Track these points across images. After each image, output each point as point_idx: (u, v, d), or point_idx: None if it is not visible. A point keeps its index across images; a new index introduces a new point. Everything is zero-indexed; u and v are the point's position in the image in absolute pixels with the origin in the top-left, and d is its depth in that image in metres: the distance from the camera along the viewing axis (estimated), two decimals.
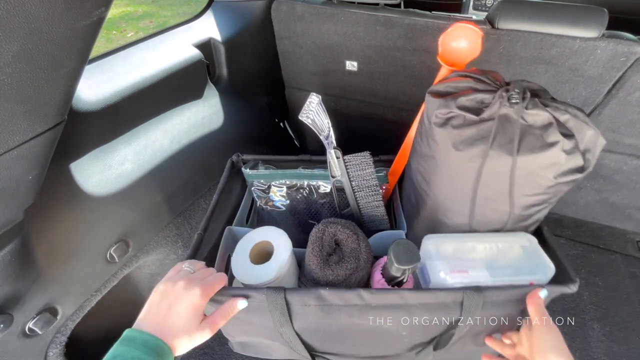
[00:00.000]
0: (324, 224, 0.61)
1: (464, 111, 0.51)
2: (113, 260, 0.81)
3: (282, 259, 0.57)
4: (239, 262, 0.59)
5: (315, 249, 0.58)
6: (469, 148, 0.50)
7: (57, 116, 0.46)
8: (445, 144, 0.53)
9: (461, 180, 0.54)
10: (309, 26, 1.08)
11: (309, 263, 0.58)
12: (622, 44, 0.83)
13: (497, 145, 0.49)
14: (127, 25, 4.03)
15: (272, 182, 0.77)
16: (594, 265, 1.16)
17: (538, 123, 0.49)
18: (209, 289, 0.46)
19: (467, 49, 0.63)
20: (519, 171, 0.49)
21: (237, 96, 1.16)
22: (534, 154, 0.48)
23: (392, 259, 0.48)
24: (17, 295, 0.64)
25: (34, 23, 0.33)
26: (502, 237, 0.57)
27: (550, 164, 0.49)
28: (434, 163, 0.57)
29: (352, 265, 0.57)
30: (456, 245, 0.56)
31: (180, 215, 1.00)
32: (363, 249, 0.60)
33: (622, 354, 0.96)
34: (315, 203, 0.77)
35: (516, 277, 0.52)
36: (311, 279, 0.59)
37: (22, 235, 0.56)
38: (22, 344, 0.69)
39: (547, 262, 0.54)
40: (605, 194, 1.16)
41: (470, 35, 0.61)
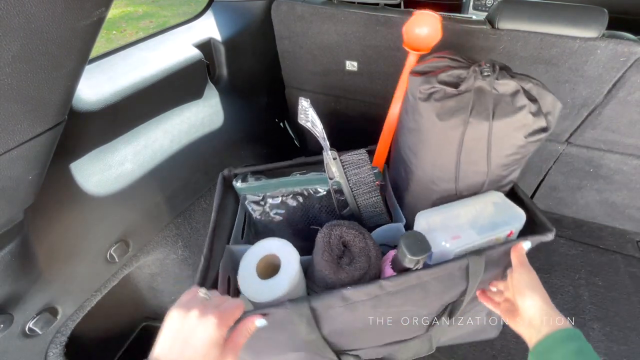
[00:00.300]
0: (329, 228, 0.61)
1: (444, 85, 0.58)
2: (113, 260, 0.81)
3: (291, 270, 0.56)
4: (246, 280, 0.56)
5: (326, 254, 0.57)
6: (451, 118, 0.57)
7: (57, 116, 0.46)
8: (429, 116, 0.59)
9: (446, 147, 0.60)
10: (309, 26, 1.08)
11: (321, 269, 0.57)
12: (622, 44, 0.83)
13: (475, 113, 0.56)
14: (127, 25, 4.03)
15: (267, 193, 0.74)
16: (594, 265, 1.16)
17: (507, 91, 0.57)
18: (227, 317, 0.42)
19: (429, 34, 0.69)
20: (495, 134, 0.56)
21: (237, 96, 1.16)
22: (507, 118, 0.55)
23: (404, 251, 0.50)
24: (17, 295, 0.64)
25: (34, 23, 0.33)
26: (477, 200, 0.64)
27: (521, 126, 0.56)
28: (420, 135, 0.63)
29: (364, 264, 0.58)
30: (443, 216, 0.62)
31: (180, 215, 1.00)
32: (371, 246, 0.60)
33: (622, 354, 0.96)
34: (313, 208, 0.76)
35: (497, 230, 0.59)
36: (324, 284, 0.57)
37: (22, 235, 0.56)
38: (22, 344, 0.69)
39: (517, 211, 0.62)
40: (605, 194, 1.16)
41: (430, 21, 0.67)
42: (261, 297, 0.53)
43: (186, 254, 1.01)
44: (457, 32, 0.96)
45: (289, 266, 0.56)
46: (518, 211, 0.62)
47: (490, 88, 0.56)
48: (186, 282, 1.02)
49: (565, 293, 1.09)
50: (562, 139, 1.09)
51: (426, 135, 0.62)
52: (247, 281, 0.56)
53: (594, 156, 1.08)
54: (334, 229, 0.60)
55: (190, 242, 1.02)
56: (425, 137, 0.62)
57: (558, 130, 1.06)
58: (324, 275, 0.57)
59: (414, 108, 0.62)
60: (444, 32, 0.97)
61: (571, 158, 1.11)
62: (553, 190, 1.23)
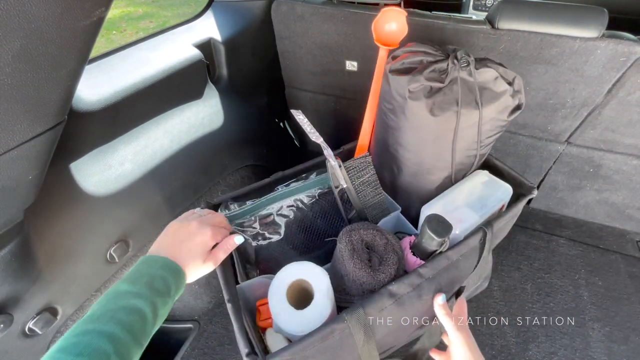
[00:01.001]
0: (347, 234, 0.59)
1: (432, 81, 0.61)
2: (113, 260, 0.81)
3: (326, 295, 0.53)
4: (280, 312, 0.52)
5: (356, 261, 0.55)
6: (443, 112, 0.60)
7: (57, 116, 0.46)
8: (422, 114, 0.61)
9: (441, 140, 0.64)
10: (309, 26, 1.08)
11: (356, 277, 0.55)
12: (622, 44, 0.83)
13: (464, 104, 0.60)
14: (127, 26, 4.03)
15: (257, 214, 0.69)
16: (594, 265, 1.16)
17: (488, 79, 0.61)
18: (218, 233, 0.52)
19: (397, 29, 0.72)
20: (484, 120, 0.62)
21: (237, 96, 1.16)
22: (493, 104, 0.61)
23: (431, 235, 0.53)
24: (17, 295, 0.64)
25: (34, 23, 0.33)
26: (468, 182, 0.71)
27: (504, 108, 0.62)
28: (414, 132, 0.65)
29: (394, 258, 0.57)
30: (443, 203, 0.67)
31: (180, 215, 1.00)
32: (393, 241, 0.60)
33: (622, 354, 0.96)
34: (306, 217, 0.72)
35: (491, 206, 0.66)
36: (361, 291, 0.56)
37: (22, 235, 0.56)
38: (22, 344, 0.69)
39: (505, 186, 0.70)
40: (605, 194, 1.16)
41: (398, 17, 0.70)
42: (298, 329, 0.50)
43: None
44: (457, 32, 0.96)
45: (322, 291, 0.53)
46: (505, 185, 0.70)
47: (472, 78, 0.61)
48: None
49: (565, 293, 1.09)
50: (562, 139, 1.09)
51: (420, 132, 0.65)
52: (281, 313, 0.52)
53: (594, 156, 1.08)
54: (353, 234, 0.59)
55: None
56: (419, 134, 0.65)
57: (558, 130, 1.06)
58: (360, 282, 0.55)
59: (402, 108, 0.64)
60: (443, 32, 0.97)
61: (571, 158, 1.11)
62: (553, 190, 1.23)
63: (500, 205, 0.67)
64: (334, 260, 0.61)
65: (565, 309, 1.05)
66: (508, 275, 1.14)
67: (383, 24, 0.72)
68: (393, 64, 0.65)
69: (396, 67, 0.65)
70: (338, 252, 0.58)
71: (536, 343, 0.98)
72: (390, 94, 0.66)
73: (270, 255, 0.70)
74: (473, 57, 0.61)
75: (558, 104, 1.00)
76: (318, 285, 0.54)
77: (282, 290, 0.54)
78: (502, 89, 0.61)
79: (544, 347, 0.97)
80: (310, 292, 0.54)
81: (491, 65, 0.62)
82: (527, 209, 1.34)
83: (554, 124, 1.05)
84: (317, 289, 0.53)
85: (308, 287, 0.55)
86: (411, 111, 0.62)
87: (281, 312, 0.52)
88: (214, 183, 1.11)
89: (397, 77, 0.63)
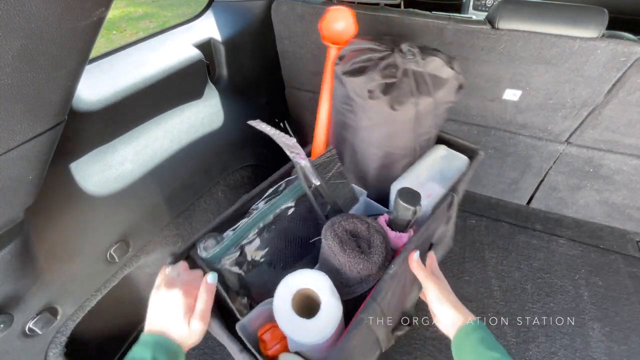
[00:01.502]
0: (330, 229, 0.58)
1: (386, 78, 0.64)
2: (113, 260, 0.81)
3: (333, 295, 0.52)
4: (294, 329, 0.50)
5: (349, 252, 0.56)
6: (402, 105, 0.64)
7: (57, 116, 0.46)
8: (383, 110, 0.65)
9: (404, 130, 0.69)
10: (309, 26, 1.08)
11: (354, 266, 0.55)
12: (622, 44, 0.83)
13: (419, 93, 0.65)
14: (127, 26, 4.03)
15: (242, 242, 0.62)
16: (594, 265, 1.16)
17: (436, 66, 0.67)
18: (191, 288, 0.50)
19: (345, 28, 0.72)
20: (437, 104, 0.68)
21: (237, 96, 1.16)
22: (442, 88, 0.66)
23: (405, 206, 0.57)
24: (17, 295, 0.64)
25: (35, 23, 0.33)
26: (429, 158, 0.77)
27: (453, 89, 0.68)
28: (377, 128, 0.69)
29: (380, 238, 0.59)
30: (409, 180, 0.72)
31: (180, 215, 1.00)
32: (372, 222, 0.61)
33: (622, 354, 0.96)
34: (289, 229, 0.68)
35: (452, 177, 0.73)
36: (359, 279, 0.57)
37: (22, 235, 0.56)
38: (22, 344, 0.69)
39: (461, 157, 0.77)
40: (605, 194, 1.16)
41: (345, 15, 0.71)
42: (321, 336, 0.49)
43: None
44: (457, 32, 0.96)
45: (326, 291, 0.52)
46: (461, 157, 0.77)
47: (421, 68, 0.66)
48: None
49: (565, 293, 1.09)
50: (562, 139, 1.09)
51: (384, 127, 0.68)
52: (298, 330, 0.50)
53: (594, 156, 1.08)
54: (336, 227, 0.59)
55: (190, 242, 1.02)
56: (383, 129, 0.69)
57: (558, 130, 1.06)
58: (357, 270, 0.55)
59: (362, 107, 0.67)
60: (442, 32, 0.97)
61: (571, 158, 1.11)
62: (553, 190, 1.23)
63: (460, 174, 0.75)
64: (322, 258, 0.61)
65: (565, 309, 1.05)
66: (508, 275, 1.14)
67: (332, 23, 0.72)
68: (344, 66, 0.67)
69: (348, 69, 0.67)
70: (327, 249, 0.58)
71: (536, 343, 0.98)
72: (347, 95, 0.68)
73: (262, 279, 0.65)
74: (417, 48, 0.67)
75: (558, 104, 1.00)
76: (321, 288, 0.53)
77: (287, 306, 0.52)
78: (447, 75, 0.67)
79: (544, 347, 0.97)
80: (314, 298, 0.54)
81: (434, 54, 0.67)
82: (527, 209, 1.34)
83: (554, 124, 1.05)
84: (321, 292, 0.53)
85: (311, 294, 0.54)
86: (372, 110, 0.66)
87: (296, 328, 0.50)
88: (214, 183, 1.11)
89: (352, 79, 0.65)
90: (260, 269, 0.65)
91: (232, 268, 0.62)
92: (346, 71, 0.67)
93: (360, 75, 0.65)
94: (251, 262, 0.64)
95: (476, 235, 1.27)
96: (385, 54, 0.67)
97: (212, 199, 1.11)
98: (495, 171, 1.27)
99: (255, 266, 0.65)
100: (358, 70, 0.67)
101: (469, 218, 1.33)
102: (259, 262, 0.65)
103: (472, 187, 1.38)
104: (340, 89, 0.70)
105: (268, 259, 0.66)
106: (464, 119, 1.18)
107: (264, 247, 0.65)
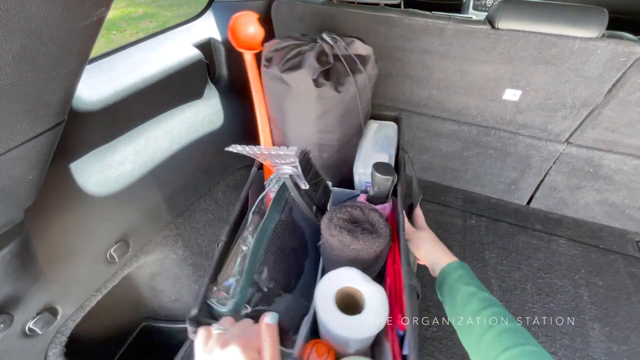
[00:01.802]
0: (332, 227, 0.58)
1: (324, 65, 0.69)
2: (113, 260, 0.81)
3: (380, 293, 0.51)
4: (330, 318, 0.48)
5: (363, 238, 0.56)
6: (344, 85, 0.70)
7: (57, 116, 0.46)
8: (331, 94, 0.70)
9: (351, 108, 0.75)
10: (309, 26, 1.08)
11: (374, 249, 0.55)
12: (622, 44, 0.83)
13: (352, 72, 0.71)
14: (127, 26, 4.03)
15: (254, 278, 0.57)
16: (594, 265, 1.16)
17: (356, 48, 0.74)
18: (249, 339, 0.40)
19: (255, 31, 0.74)
20: (369, 78, 0.75)
21: (237, 96, 1.16)
22: (368, 64, 0.74)
23: (383, 177, 0.62)
24: (17, 295, 0.64)
25: (34, 23, 0.33)
26: (369, 134, 0.85)
27: (374, 63, 0.76)
28: (330, 114, 0.74)
29: (376, 213, 0.61)
30: (366, 156, 0.79)
31: (180, 215, 1.00)
32: (359, 204, 0.63)
33: (622, 354, 0.96)
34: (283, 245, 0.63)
35: (391, 142, 0.83)
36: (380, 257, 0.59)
37: (22, 235, 0.56)
38: (22, 344, 0.69)
39: (390, 124, 0.89)
40: (605, 194, 1.16)
41: (250, 20, 0.72)
42: (363, 333, 0.47)
43: (186, 254, 1.01)
44: (457, 32, 0.96)
45: (374, 298, 0.50)
46: (390, 124, 0.88)
47: (348, 51, 0.72)
48: (186, 282, 1.02)
49: (565, 293, 1.09)
50: (562, 139, 1.09)
51: (334, 110, 0.73)
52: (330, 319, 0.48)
53: (594, 156, 1.08)
54: (334, 221, 0.59)
55: (190, 242, 1.02)
56: (334, 112, 0.74)
57: (558, 130, 1.07)
58: (372, 251, 0.56)
59: (311, 97, 0.71)
60: (442, 32, 0.97)
61: (571, 158, 1.11)
62: (553, 190, 1.23)
63: (397, 136, 0.86)
64: (330, 255, 0.60)
65: (565, 309, 1.05)
66: (508, 275, 1.14)
67: (242, 29, 0.73)
68: (279, 66, 0.70)
69: (286, 67, 0.70)
70: (336, 244, 0.57)
71: None
72: (293, 91, 0.70)
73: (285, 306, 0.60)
74: (335, 35, 0.73)
75: (558, 104, 1.00)
76: (357, 281, 0.51)
77: (333, 308, 0.49)
78: (367, 52, 0.75)
79: (544, 347, 0.97)
80: (352, 294, 0.52)
81: (351, 38, 0.75)
82: (527, 209, 1.34)
83: (554, 124, 1.05)
84: (359, 285, 0.51)
85: (348, 292, 0.52)
86: (322, 96, 0.70)
87: (347, 326, 0.47)
88: (214, 183, 1.11)
89: (294, 74, 0.68)
90: (283, 297, 0.60)
91: (260, 307, 0.56)
92: (285, 69, 0.69)
93: (300, 69, 0.68)
94: (269, 292, 0.58)
95: (476, 235, 1.27)
96: (311, 44, 0.72)
97: (212, 199, 1.11)
98: (495, 171, 1.27)
99: (276, 296, 0.59)
100: (295, 65, 0.70)
101: (469, 218, 1.32)
102: (273, 289, 0.60)
103: (472, 187, 1.38)
104: (282, 88, 0.72)
105: (281, 283, 0.61)
106: (464, 119, 1.18)
107: (274, 273, 0.60)
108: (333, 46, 0.71)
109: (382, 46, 1.06)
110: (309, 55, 0.69)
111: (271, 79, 0.72)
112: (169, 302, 1.02)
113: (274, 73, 0.70)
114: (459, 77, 1.06)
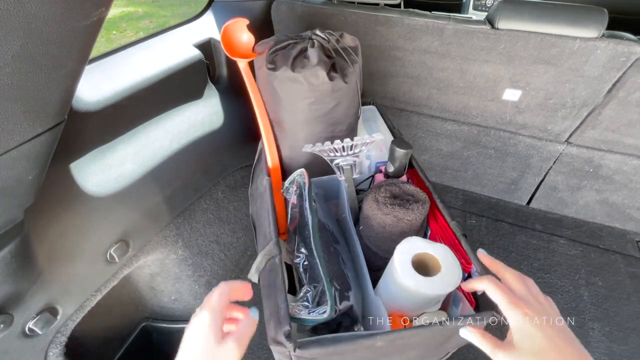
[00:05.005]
0: (384, 206, 0.63)
1: (329, 59, 0.72)
2: (113, 260, 0.81)
3: (453, 259, 0.55)
4: (407, 275, 0.53)
5: (413, 207, 0.62)
6: (348, 77, 0.72)
7: (57, 116, 0.46)
8: (340, 85, 0.71)
9: (355, 96, 0.78)
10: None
11: (422, 217, 0.63)
12: (622, 44, 0.83)
13: (350, 62, 0.74)
14: (127, 25, 4.03)
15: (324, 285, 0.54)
16: (594, 265, 1.16)
17: (347, 40, 0.77)
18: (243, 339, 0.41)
19: (248, 38, 0.74)
20: (361, 67, 0.79)
21: (237, 96, 1.16)
22: (359, 54, 0.77)
23: (403, 152, 0.68)
24: (17, 295, 0.64)
25: (34, 23, 0.33)
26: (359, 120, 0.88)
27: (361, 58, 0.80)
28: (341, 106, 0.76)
29: (410, 184, 0.68)
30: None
31: (180, 215, 1.00)
32: (391, 179, 0.70)
33: (622, 354, 0.96)
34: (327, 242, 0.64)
35: (378, 123, 0.93)
36: (425, 220, 0.66)
37: (22, 235, 0.56)
38: (22, 344, 0.69)
39: (370, 108, 0.98)
40: (605, 194, 1.16)
41: (240, 26, 0.72)
42: (427, 288, 0.52)
43: (186, 254, 1.01)
44: (457, 32, 0.96)
45: (448, 261, 0.55)
46: (370, 107, 0.96)
47: (343, 44, 0.75)
48: (186, 282, 1.02)
49: (565, 293, 1.09)
50: (562, 139, 1.09)
51: (344, 100, 0.75)
52: (408, 276, 0.53)
53: (594, 156, 1.08)
54: (380, 199, 0.64)
55: (190, 242, 1.02)
56: (345, 102, 0.75)
57: (558, 130, 1.07)
58: (420, 219, 0.63)
59: (328, 91, 0.72)
60: (442, 32, 0.97)
61: (571, 158, 1.11)
62: (553, 190, 1.23)
63: (381, 118, 0.93)
64: (381, 233, 0.65)
65: (565, 309, 1.05)
66: None
67: (235, 37, 0.72)
68: (290, 65, 0.69)
69: (297, 65, 0.70)
70: (391, 221, 0.62)
71: None
72: (307, 88, 0.71)
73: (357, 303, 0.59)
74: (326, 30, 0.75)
75: (558, 104, 1.00)
76: (445, 259, 0.55)
77: (408, 257, 0.55)
78: (355, 43, 0.78)
79: None
80: (423, 259, 0.56)
81: (339, 32, 0.77)
82: (527, 209, 1.34)
83: (554, 124, 1.05)
84: (446, 265, 0.54)
85: (422, 257, 0.56)
86: (334, 89, 0.72)
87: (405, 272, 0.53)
88: (214, 183, 1.11)
89: (307, 71, 0.69)
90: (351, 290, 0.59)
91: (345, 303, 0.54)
92: (296, 68, 0.70)
93: (313, 65, 0.69)
94: (342, 289, 0.57)
95: (476, 235, 1.27)
96: (307, 42, 0.73)
97: (212, 199, 1.11)
98: (495, 171, 1.27)
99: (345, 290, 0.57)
100: (303, 63, 0.71)
101: (469, 218, 1.32)
102: (343, 284, 0.58)
103: (472, 187, 1.38)
104: (293, 88, 0.72)
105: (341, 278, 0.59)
106: (464, 119, 1.18)
107: (333, 270, 0.59)
108: (329, 40, 0.73)
109: (382, 46, 1.06)
110: (313, 52, 0.70)
111: (281, 80, 0.71)
112: (169, 302, 1.02)
113: (285, 74, 0.69)
114: (459, 77, 1.06)
